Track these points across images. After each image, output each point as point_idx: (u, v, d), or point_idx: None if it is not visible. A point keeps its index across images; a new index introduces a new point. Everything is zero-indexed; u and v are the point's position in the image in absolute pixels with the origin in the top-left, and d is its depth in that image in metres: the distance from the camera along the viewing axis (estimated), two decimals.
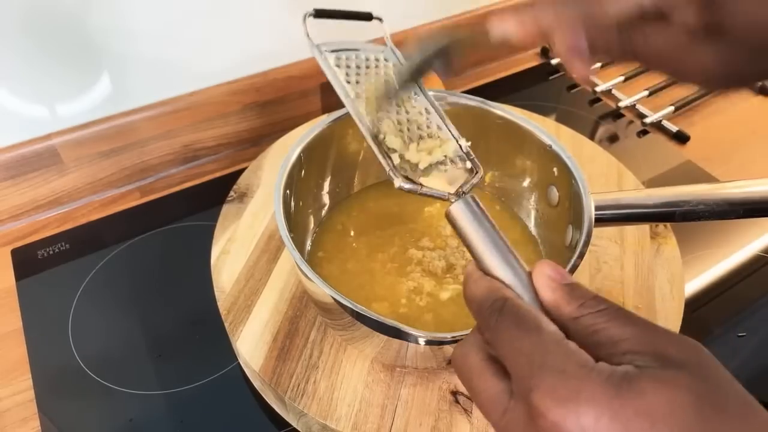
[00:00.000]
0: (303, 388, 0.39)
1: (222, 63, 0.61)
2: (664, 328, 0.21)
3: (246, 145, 0.66)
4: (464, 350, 0.25)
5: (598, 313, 0.22)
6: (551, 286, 0.24)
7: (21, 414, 0.44)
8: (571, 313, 0.22)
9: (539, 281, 0.24)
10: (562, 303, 0.23)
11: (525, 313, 0.23)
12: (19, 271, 0.53)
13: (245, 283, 0.45)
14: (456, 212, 0.28)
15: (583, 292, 0.23)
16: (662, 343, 0.20)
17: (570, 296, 0.23)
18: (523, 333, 0.22)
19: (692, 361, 0.20)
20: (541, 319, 0.22)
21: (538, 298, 0.24)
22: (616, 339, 0.21)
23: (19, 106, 0.53)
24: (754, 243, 0.56)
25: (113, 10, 0.52)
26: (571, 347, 0.21)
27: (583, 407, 0.18)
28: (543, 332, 0.21)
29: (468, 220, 0.28)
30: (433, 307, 0.42)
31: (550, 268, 0.24)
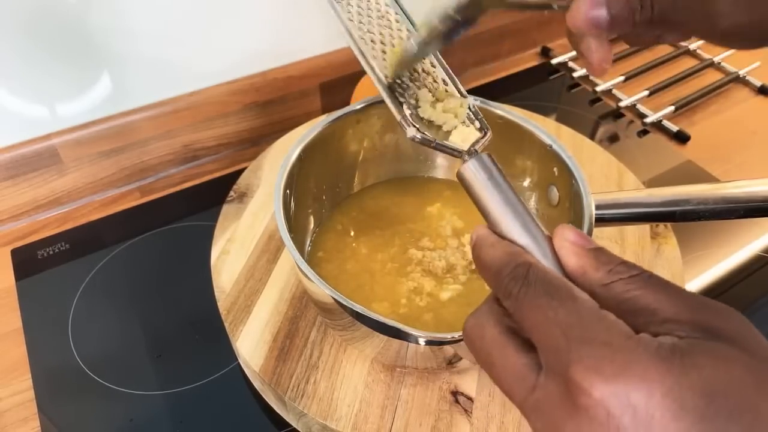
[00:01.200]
0: (303, 388, 0.39)
1: (222, 63, 0.61)
2: (704, 297, 0.19)
3: (246, 145, 0.66)
4: (479, 321, 0.22)
5: (630, 279, 0.20)
6: (575, 251, 0.22)
7: (21, 414, 0.44)
8: (600, 280, 0.20)
9: (562, 246, 0.22)
10: (590, 269, 0.21)
11: (555, 280, 0.21)
12: (19, 271, 0.53)
13: (245, 283, 0.45)
14: (469, 171, 0.26)
15: (611, 257, 0.21)
16: (705, 312, 0.18)
17: (597, 261, 0.21)
18: (555, 301, 0.20)
19: (739, 333, 0.18)
20: (572, 286, 0.20)
21: (561, 264, 0.22)
22: (653, 307, 0.19)
23: (19, 106, 0.53)
24: (754, 243, 0.56)
25: (113, 10, 0.52)
26: (611, 317, 0.19)
27: (634, 383, 0.17)
28: (577, 300, 0.19)
29: (482, 180, 0.26)
30: (433, 307, 0.42)
31: (573, 232, 0.22)
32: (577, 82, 0.76)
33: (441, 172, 0.52)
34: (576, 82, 0.76)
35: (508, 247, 0.23)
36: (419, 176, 0.52)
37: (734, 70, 0.77)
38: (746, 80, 0.76)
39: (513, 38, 0.80)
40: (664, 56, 0.79)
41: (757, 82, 0.75)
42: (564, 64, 0.79)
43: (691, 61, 0.80)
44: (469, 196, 0.27)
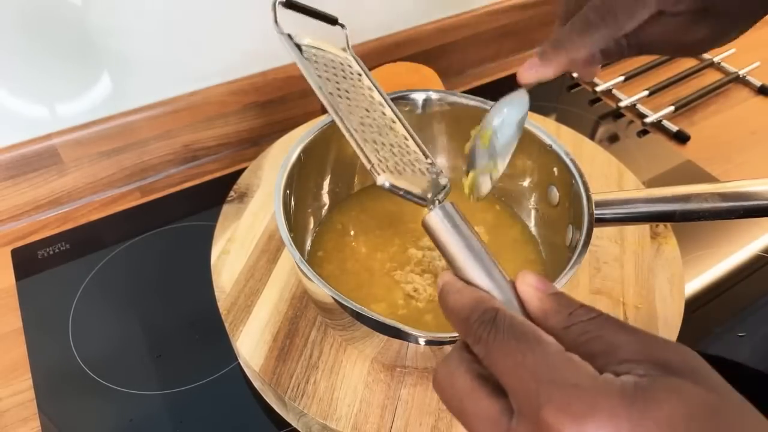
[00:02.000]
0: (303, 388, 0.39)
1: (222, 63, 0.61)
2: (655, 335, 0.21)
3: (246, 145, 0.66)
4: (449, 369, 0.23)
5: (589, 321, 0.21)
6: (538, 296, 0.23)
7: (21, 414, 0.44)
8: (561, 323, 0.22)
9: (524, 291, 0.24)
10: (551, 313, 0.22)
11: (521, 325, 0.21)
12: (19, 271, 0.53)
13: (245, 283, 0.45)
14: (434, 219, 0.27)
15: (571, 301, 0.22)
16: (659, 350, 0.20)
17: (558, 305, 0.22)
18: (523, 345, 0.20)
19: (692, 367, 0.19)
20: (538, 331, 0.21)
21: (524, 308, 0.23)
22: (611, 348, 0.20)
23: (19, 106, 0.53)
24: (754, 243, 0.56)
25: (113, 9, 0.52)
26: (576, 359, 0.20)
27: (603, 421, 0.18)
28: (544, 344, 0.20)
29: (447, 228, 0.27)
30: (433, 307, 0.42)
31: (535, 278, 0.24)
32: (577, 82, 0.76)
33: None
34: (576, 82, 0.76)
35: (474, 293, 0.24)
36: None
37: (734, 70, 0.77)
38: (746, 80, 0.76)
39: (513, 38, 0.80)
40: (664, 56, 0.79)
41: (757, 82, 0.75)
42: None
43: (690, 61, 0.80)
44: (435, 243, 0.28)
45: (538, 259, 0.46)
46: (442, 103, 0.47)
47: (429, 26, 0.71)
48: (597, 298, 0.45)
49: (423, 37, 0.71)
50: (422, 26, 0.71)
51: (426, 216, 0.28)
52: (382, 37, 0.69)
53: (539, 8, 0.79)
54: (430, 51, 0.72)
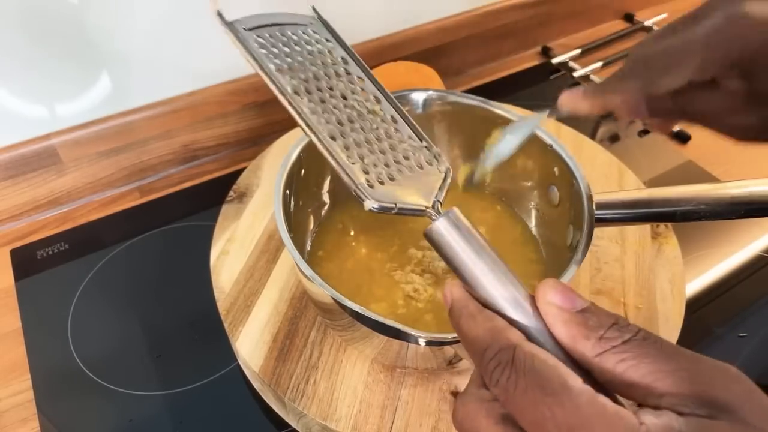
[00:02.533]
0: (303, 388, 0.39)
1: (222, 63, 0.61)
2: (700, 357, 0.18)
3: (246, 145, 0.66)
4: (470, 412, 0.21)
5: (623, 346, 0.19)
6: (563, 318, 0.20)
7: (20, 414, 0.44)
8: (592, 350, 0.19)
9: (548, 313, 0.21)
10: (580, 338, 0.20)
11: (545, 369, 0.19)
12: (19, 271, 0.53)
13: (245, 284, 0.45)
14: (438, 231, 0.24)
15: (601, 318, 0.20)
16: (705, 381, 0.18)
17: (587, 328, 0.20)
18: (549, 398, 0.18)
19: (743, 403, 0.17)
20: (564, 373, 0.19)
21: (549, 332, 0.21)
22: (649, 379, 0.18)
23: (18, 106, 0.53)
24: (755, 243, 0.56)
25: (113, 9, 0.52)
26: (610, 409, 0.18)
27: None
28: (573, 393, 0.18)
29: (453, 239, 0.24)
30: (433, 307, 0.42)
31: (558, 293, 0.21)
32: (577, 82, 0.76)
33: None
34: (576, 82, 0.76)
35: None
36: None
37: None
38: None
39: (513, 38, 0.80)
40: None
41: None
42: (564, 63, 0.79)
43: None
44: (441, 255, 0.24)
45: (539, 259, 0.46)
46: (442, 102, 0.47)
47: (429, 26, 0.71)
48: (598, 298, 0.45)
49: (423, 37, 0.71)
50: (422, 26, 0.71)
51: (429, 227, 0.25)
52: (382, 37, 0.69)
53: (539, 8, 0.79)
54: (430, 51, 0.72)
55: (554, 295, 0.21)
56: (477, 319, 0.22)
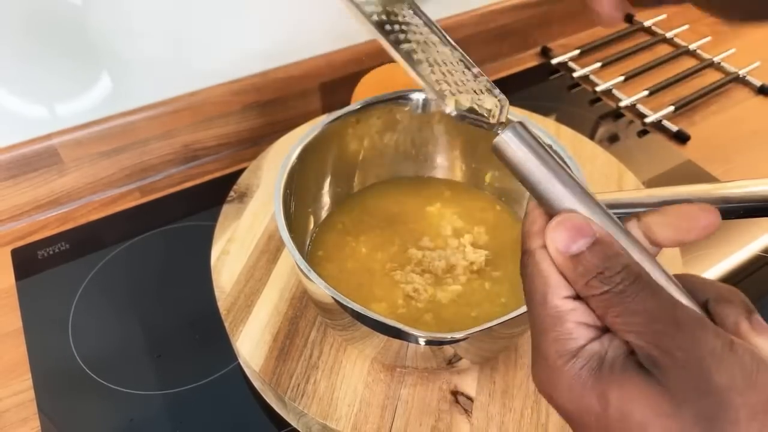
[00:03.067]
0: (303, 388, 0.39)
1: (222, 63, 0.61)
2: (675, 311, 0.20)
3: (246, 145, 0.66)
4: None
5: (601, 296, 0.20)
6: (558, 261, 0.22)
7: (21, 414, 0.44)
8: (581, 291, 0.21)
9: (551, 252, 0.22)
10: (571, 281, 0.21)
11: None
12: (19, 271, 0.53)
13: (245, 283, 0.45)
14: (509, 143, 0.24)
15: (588, 267, 0.21)
16: (655, 338, 0.19)
17: (575, 274, 0.21)
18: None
19: (677, 365, 0.18)
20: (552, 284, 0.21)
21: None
22: (617, 327, 0.20)
23: (19, 106, 0.53)
24: (754, 243, 0.56)
25: (113, 9, 0.52)
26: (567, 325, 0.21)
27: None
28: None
29: (525, 152, 0.24)
30: (433, 307, 0.42)
31: (560, 231, 0.22)
32: (577, 82, 0.76)
33: (441, 172, 0.52)
34: (576, 82, 0.76)
35: (619, 246, 0.22)
36: (419, 176, 0.52)
37: (734, 70, 0.77)
38: (746, 80, 0.76)
39: (513, 38, 0.80)
40: (665, 56, 0.79)
41: (757, 82, 0.75)
42: (564, 64, 0.79)
43: (691, 61, 0.80)
44: (513, 171, 0.25)
45: None
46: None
47: None
48: None
49: None
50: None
51: (498, 139, 0.25)
52: None
53: (539, 8, 0.79)
54: None
55: (555, 234, 0.22)
56: (610, 242, 0.22)
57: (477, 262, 0.44)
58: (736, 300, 0.21)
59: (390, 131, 0.49)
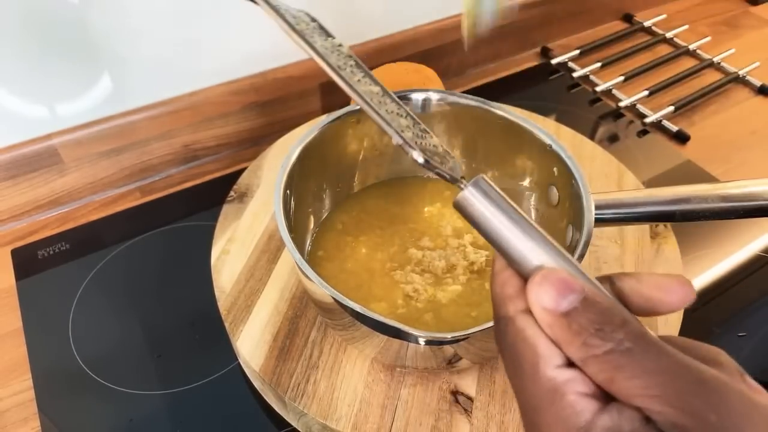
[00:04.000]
0: (303, 388, 0.39)
1: (222, 63, 0.61)
2: (687, 366, 0.18)
3: (246, 145, 0.66)
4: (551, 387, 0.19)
5: (604, 356, 0.18)
6: (547, 321, 0.19)
7: (21, 414, 0.44)
8: (576, 353, 0.19)
9: (534, 312, 0.20)
10: (562, 342, 0.19)
11: (523, 343, 0.19)
12: (19, 271, 0.53)
13: (245, 283, 0.45)
14: (470, 200, 0.23)
15: (585, 322, 0.19)
16: (678, 400, 0.17)
17: (570, 333, 0.19)
18: (519, 372, 0.19)
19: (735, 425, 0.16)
20: (540, 353, 0.19)
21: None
22: (626, 394, 0.18)
23: (19, 106, 0.53)
24: (754, 243, 0.56)
25: (113, 9, 0.52)
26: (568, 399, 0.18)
27: None
28: (538, 373, 0.19)
29: (486, 207, 0.23)
30: (433, 307, 0.42)
31: (545, 289, 0.20)
32: (577, 82, 0.76)
33: None
34: (576, 82, 0.76)
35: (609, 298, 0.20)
36: (419, 176, 0.52)
37: (734, 70, 0.77)
38: (746, 80, 0.76)
39: (513, 38, 0.80)
40: (664, 56, 0.79)
41: (757, 82, 0.75)
42: (564, 64, 0.79)
43: (690, 61, 0.80)
44: (475, 226, 0.24)
45: None
46: (442, 103, 0.47)
47: (429, 26, 0.71)
48: None
49: (423, 37, 0.71)
50: (422, 26, 0.71)
51: (459, 196, 0.23)
52: (382, 37, 0.69)
53: (539, 8, 0.79)
54: (430, 51, 0.72)
55: (541, 292, 0.20)
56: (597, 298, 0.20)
57: (478, 262, 0.44)
58: (725, 361, 0.20)
59: None
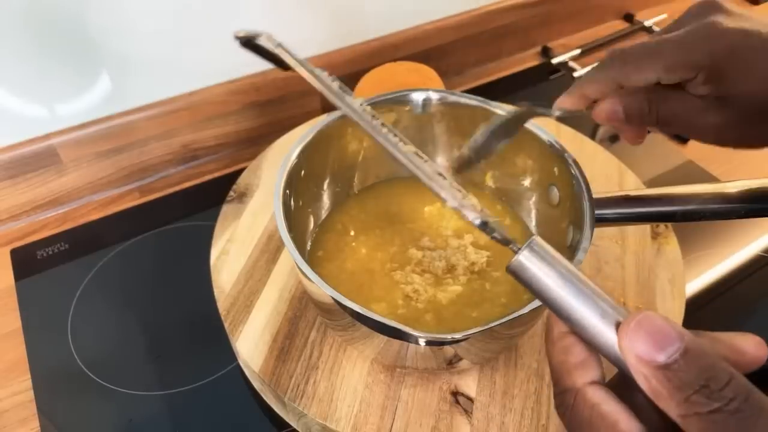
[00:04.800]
0: (303, 388, 0.39)
1: (222, 62, 0.61)
2: None
3: (246, 145, 0.66)
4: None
5: (710, 416, 0.16)
6: (644, 372, 0.18)
7: (20, 414, 0.44)
8: (675, 409, 0.17)
9: (628, 362, 0.18)
10: (661, 396, 0.18)
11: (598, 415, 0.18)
12: (19, 271, 0.53)
13: (245, 284, 0.45)
14: (525, 263, 0.22)
15: (691, 376, 0.17)
16: None
17: (671, 386, 0.17)
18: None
19: None
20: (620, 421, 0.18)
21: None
22: None
23: (18, 106, 0.53)
24: (754, 243, 0.56)
25: (113, 9, 0.52)
26: None
27: None
28: None
29: (546, 272, 0.22)
30: (433, 307, 0.42)
31: (642, 338, 0.18)
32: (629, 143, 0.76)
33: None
34: None
35: (713, 355, 0.18)
36: None
37: None
38: None
39: (513, 38, 0.80)
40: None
41: None
42: (564, 64, 0.79)
43: None
44: (534, 292, 0.23)
45: None
46: (442, 103, 0.47)
47: (429, 26, 0.71)
48: None
49: (423, 37, 0.71)
50: (422, 26, 0.71)
51: (514, 261, 0.23)
52: (382, 37, 0.69)
53: (539, 8, 0.79)
54: (430, 51, 0.72)
55: (636, 340, 0.18)
56: (707, 354, 0.18)
57: (479, 262, 0.44)
58: None
59: None
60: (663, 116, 0.33)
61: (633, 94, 0.33)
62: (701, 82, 0.31)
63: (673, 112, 0.33)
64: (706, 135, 0.33)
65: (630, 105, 0.33)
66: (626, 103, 0.33)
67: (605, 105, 0.34)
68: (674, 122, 0.33)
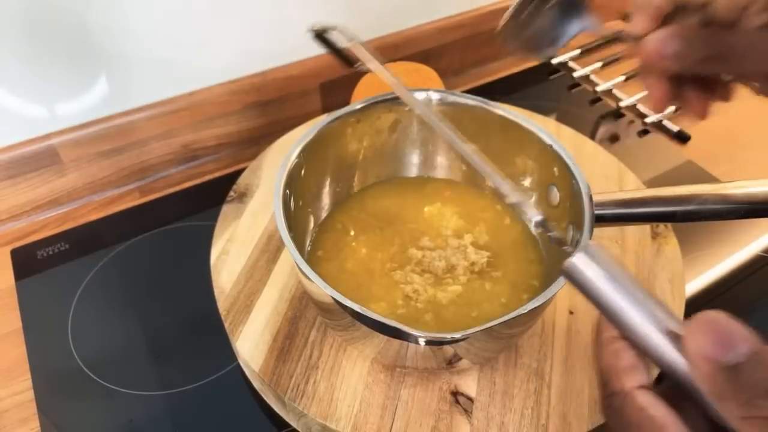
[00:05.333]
0: (303, 388, 0.39)
1: (222, 63, 0.61)
2: None
3: (246, 145, 0.66)
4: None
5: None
6: (708, 371, 0.18)
7: (20, 414, 0.44)
8: (736, 410, 0.17)
9: (691, 361, 0.18)
10: (724, 397, 0.17)
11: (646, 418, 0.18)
12: (19, 271, 0.53)
13: (245, 284, 0.45)
14: (579, 266, 0.22)
15: (757, 378, 0.17)
16: None
17: (735, 387, 0.17)
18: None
19: None
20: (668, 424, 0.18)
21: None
22: None
23: (18, 106, 0.53)
24: (754, 243, 0.56)
25: (113, 9, 0.52)
26: None
27: None
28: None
29: (594, 273, 0.22)
30: (433, 307, 0.42)
31: (709, 337, 0.18)
32: (577, 82, 0.76)
33: (441, 172, 0.52)
34: (576, 82, 0.76)
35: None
36: (419, 176, 0.52)
37: None
38: None
39: None
40: None
41: None
42: (564, 64, 0.79)
43: None
44: (586, 293, 0.22)
45: (539, 259, 0.46)
46: (442, 103, 0.47)
47: (429, 26, 0.71)
48: None
49: (423, 37, 0.71)
50: (422, 26, 0.71)
51: (568, 263, 0.23)
52: (382, 37, 0.69)
53: None
54: (430, 51, 0.72)
55: (703, 339, 0.18)
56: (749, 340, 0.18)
57: (479, 262, 0.44)
58: None
59: (390, 131, 0.49)
60: (718, 50, 0.30)
61: (685, 30, 0.30)
62: (762, 7, 0.28)
63: (728, 44, 0.30)
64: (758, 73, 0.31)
65: (682, 35, 0.30)
66: (681, 42, 0.30)
67: (657, 33, 0.30)
68: (731, 56, 0.30)
